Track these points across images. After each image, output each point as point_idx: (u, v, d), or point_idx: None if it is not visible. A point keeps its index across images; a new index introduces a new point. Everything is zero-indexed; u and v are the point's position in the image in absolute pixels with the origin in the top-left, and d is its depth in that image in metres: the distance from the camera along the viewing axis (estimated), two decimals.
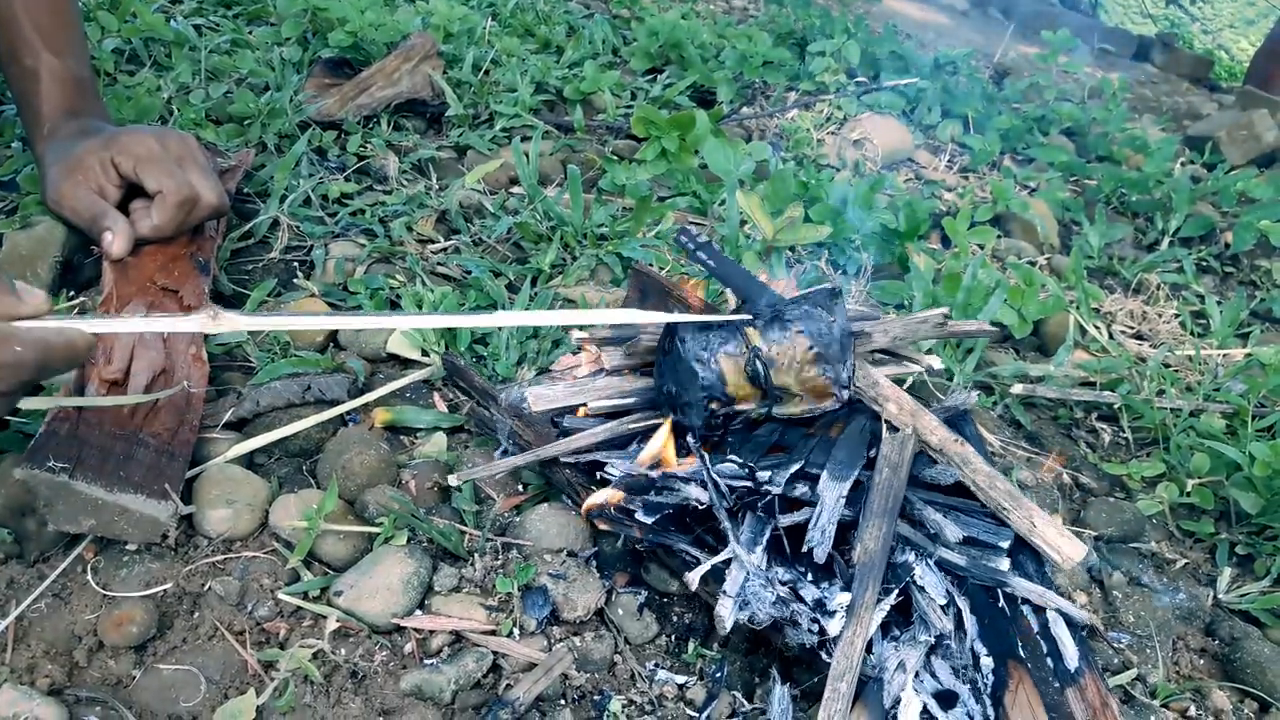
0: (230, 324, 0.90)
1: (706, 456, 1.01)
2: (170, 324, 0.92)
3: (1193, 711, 1.08)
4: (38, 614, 0.90)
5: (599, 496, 1.00)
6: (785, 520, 0.98)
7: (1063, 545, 1.02)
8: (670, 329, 1.07)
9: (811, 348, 1.06)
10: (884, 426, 1.11)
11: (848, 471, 1.02)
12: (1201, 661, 1.16)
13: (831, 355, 1.07)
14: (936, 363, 1.25)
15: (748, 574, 0.93)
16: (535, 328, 1.37)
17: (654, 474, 1.01)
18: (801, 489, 1.01)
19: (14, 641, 0.88)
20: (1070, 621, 0.99)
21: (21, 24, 1.28)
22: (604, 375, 1.19)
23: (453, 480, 1.07)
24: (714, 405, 1.04)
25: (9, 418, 1.01)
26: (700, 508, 1.00)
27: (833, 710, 0.86)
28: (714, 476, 0.98)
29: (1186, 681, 1.12)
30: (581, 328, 1.22)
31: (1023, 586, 0.98)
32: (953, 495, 1.08)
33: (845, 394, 1.09)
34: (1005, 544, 1.01)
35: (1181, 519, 1.36)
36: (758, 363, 1.04)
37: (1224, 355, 1.72)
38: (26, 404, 0.99)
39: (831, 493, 0.99)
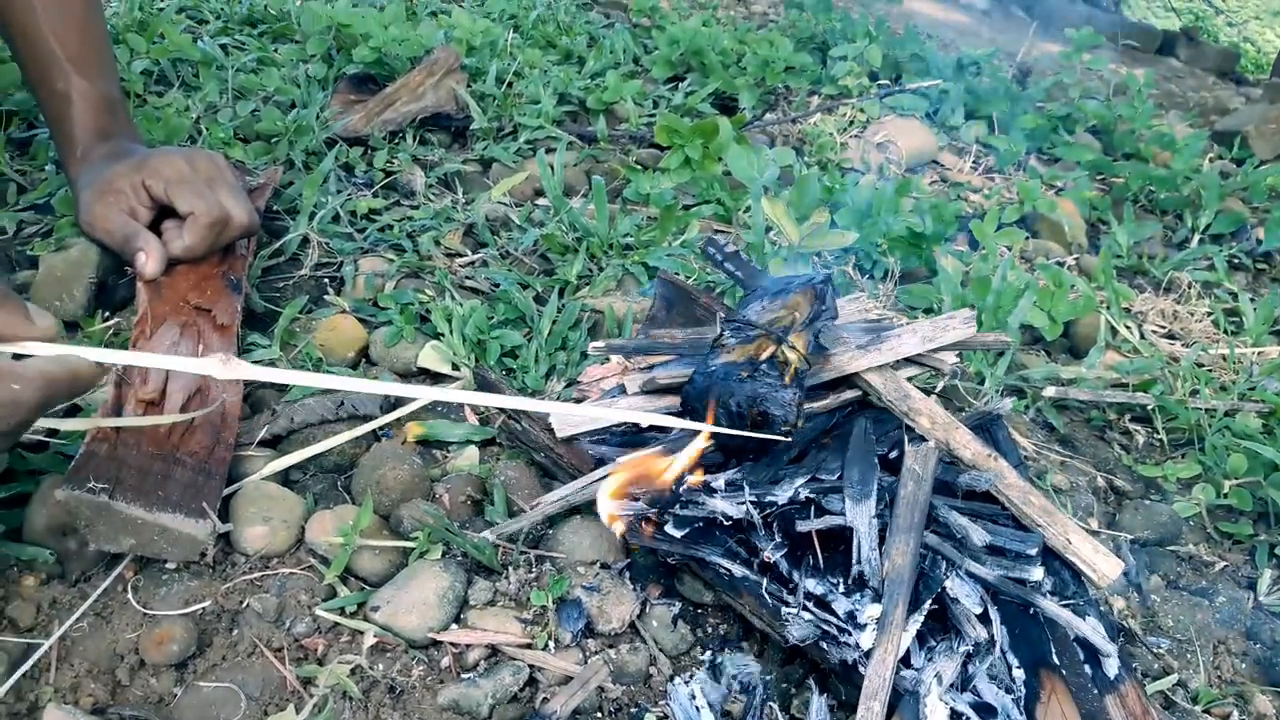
0: (238, 370, 0.89)
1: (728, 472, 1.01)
2: (179, 363, 0.90)
3: (1235, 717, 1.07)
4: (80, 633, 0.91)
5: (610, 492, 1.02)
6: (804, 525, 0.98)
7: (1099, 562, 1.01)
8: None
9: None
10: (904, 434, 1.11)
11: (868, 489, 1.01)
12: (1243, 666, 1.15)
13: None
14: (951, 357, 1.25)
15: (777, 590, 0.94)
16: (564, 339, 1.38)
17: (678, 488, 1.02)
18: (805, 491, 1.01)
19: (58, 661, 0.89)
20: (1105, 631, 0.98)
21: (52, 48, 1.30)
22: (625, 394, 1.20)
23: (489, 536, 1.06)
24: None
25: (47, 439, 1.03)
26: (727, 522, 1.00)
27: None
28: (751, 497, 0.99)
29: (1228, 686, 1.11)
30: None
31: (1050, 610, 0.97)
32: (981, 501, 1.07)
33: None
34: (1034, 550, 1.00)
35: (1219, 521, 1.34)
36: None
37: (1258, 353, 1.70)
38: (65, 425, 1.00)
39: (862, 517, 0.98)
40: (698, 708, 0.92)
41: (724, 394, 1.05)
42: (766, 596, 0.96)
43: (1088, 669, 0.95)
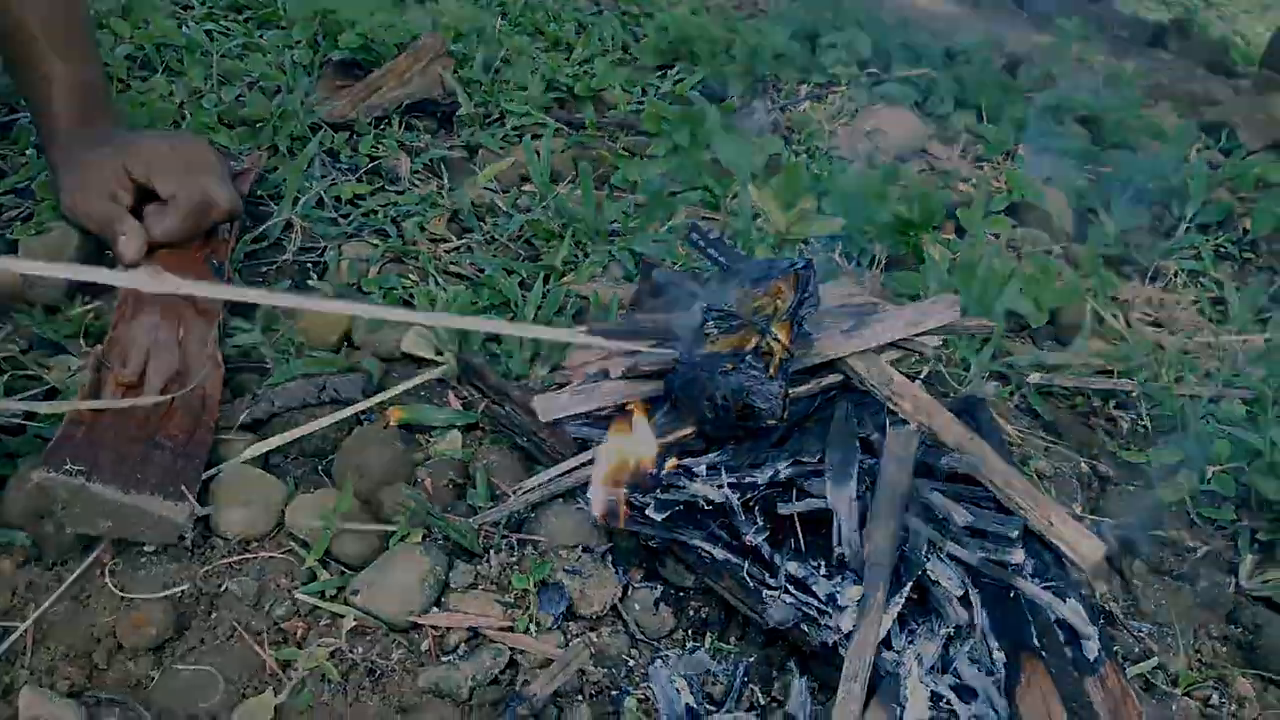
0: (169, 285, 0.84)
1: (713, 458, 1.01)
2: (106, 276, 0.86)
3: (1215, 700, 1.07)
4: (57, 616, 0.91)
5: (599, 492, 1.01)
6: (785, 508, 0.98)
7: (1080, 544, 1.01)
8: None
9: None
10: (886, 419, 1.11)
11: (848, 471, 1.01)
12: (1224, 649, 1.15)
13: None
14: (934, 340, 1.25)
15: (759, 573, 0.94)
16: (549, 324, 1.37)
17: (660, 471, 1.02)
18: (785, 474, 1.01)
19: (34, 644, 0.89)
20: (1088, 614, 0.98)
21: (34, 32, 1.29)
22: (608, 379, 1.19)
23: (473, 521, 1.06)
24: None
25: (25, 421, 1.02)
26: (708, 506, 1.00)
27: (846, 711, 0.85)
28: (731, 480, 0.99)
29: (1209, 670, 1.11)
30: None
31: (1031, 592, 0.97)
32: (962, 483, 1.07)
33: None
34: (1015, 533, 0.99)
35: (1202, 506, 1.35)
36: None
37: (1243, 341, 1.70)
38: (43, 408, 1.00)
39: (842, 499, 0.98)
40: (678, 690, 0.91)
41: (708, 386, 1.05)
42: (748, 579, 0.96)
43: (1068, 651, 0.96)
